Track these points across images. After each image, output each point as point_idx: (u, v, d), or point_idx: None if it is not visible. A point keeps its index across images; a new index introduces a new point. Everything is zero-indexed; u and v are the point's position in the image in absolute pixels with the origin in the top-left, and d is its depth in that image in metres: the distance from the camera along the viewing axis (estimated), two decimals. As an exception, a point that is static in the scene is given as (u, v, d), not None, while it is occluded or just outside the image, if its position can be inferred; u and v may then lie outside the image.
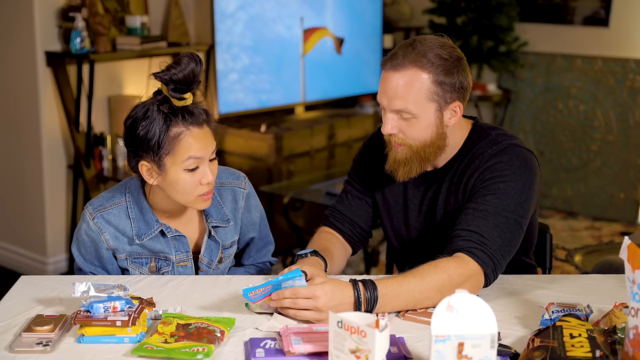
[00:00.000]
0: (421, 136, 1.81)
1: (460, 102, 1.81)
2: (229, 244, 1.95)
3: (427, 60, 1.75)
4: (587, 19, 5.09)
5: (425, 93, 1.76)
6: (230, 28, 4.39)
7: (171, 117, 1.72)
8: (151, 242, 1.86)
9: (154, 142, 1.72)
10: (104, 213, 1.84)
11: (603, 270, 2.59)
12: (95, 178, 3.96)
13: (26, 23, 3.80)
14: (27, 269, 4.04)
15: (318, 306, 1.57)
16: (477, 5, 5.04)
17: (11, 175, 4.12)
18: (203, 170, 1.76)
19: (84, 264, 1.90)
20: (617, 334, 1.45)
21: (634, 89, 4.98)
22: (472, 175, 1.83)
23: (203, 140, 1.75)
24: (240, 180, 1.97)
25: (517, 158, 1.81)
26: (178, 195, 1.78)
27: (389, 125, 1.81)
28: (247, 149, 4.46)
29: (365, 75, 5.30)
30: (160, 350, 1.44)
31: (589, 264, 4.20)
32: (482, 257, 1.70)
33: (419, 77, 1.76)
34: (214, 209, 1.91)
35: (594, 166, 5.20)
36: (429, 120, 1.79)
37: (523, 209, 1.78)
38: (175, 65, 1.70)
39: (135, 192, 1.86)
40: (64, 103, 3.89)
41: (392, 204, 1.99)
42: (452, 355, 1.30)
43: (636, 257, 1.36)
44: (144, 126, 1.73)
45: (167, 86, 1.72)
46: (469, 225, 1.74)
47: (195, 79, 1.72)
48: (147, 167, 1.77)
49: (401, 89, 1.77)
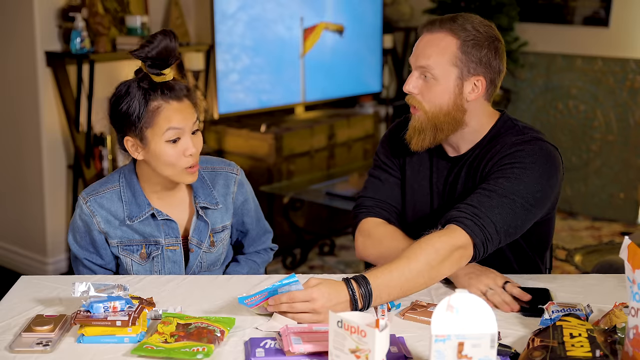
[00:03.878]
0: (437, 100, 1.82)
1: (484, 79, 1.81)
2: (219, 227, 1.98)
3: (461, 28, 1.80)
4: (587, 19, 5.09)
5: (449, 56, 1.79)
6: (230, 29, 4.39)
7: (150, 92, 1.80)
8: (141, 225, 1.90)
9: (135, 117, 1.80)
10: (97, 197, 1.90)
11: (603, 270, 2.59)
12: (95, 178, 3.96)
13: (26, 23, 3.80)
14: (27, 269, 4.04)
15: (315, 308, 1.57)
16: (477, 5, 5.04)
17: (11, 175, 4.12)
18: (185, 142, 1.82)
19: (78, 250, 1.94)
20: (617, 334, 1.45)
21: (634, 89, 4.98)
22: (490, 159, 1.83)
23: (182, 112, 1.81)
24: (232, 167, 2.02)
25: (539, 150, 1.80)
26: (164, 168, 1.83)
27: (411, 84, 1.84)
28: (247, 149, 4.46)
29: (365, 75, 5.30)
30: (160, 350, 1.44)
31: (589, 264, 4.20)
32: (472, 226, 1.69)
33: (448, 40, 1.80)
34: (202, 191, 1.95)
35: (594, 166, 5.20)
36: (447, 84, 1.80)
37: (534, 198, 1.76)
38: (149, 42, 1.78)
39: (129, 176, 1.92)
40: (64, 103, 3.89)
41: (417, 188, 1.98)
42: (452, 355, 1.30)
43: (636, 257, 1.36)
44: (126, 102, 1.82)
45: (145, 63, 1.79)
46: (472, 200, 1.74)
47: (170, 54, 1.78)
48: (131, 142, 1.85)
49: (428, 48, 1.81)
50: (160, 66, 1.79)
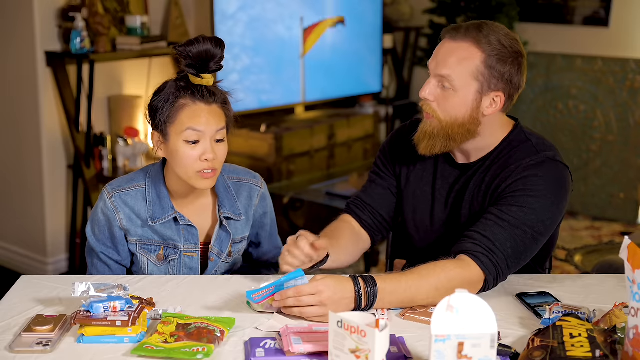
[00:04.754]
0: (454, 112, 1.79)
1: (503, 95, 1.79)
2: (239, 238, 1.97)
3: (486, 40, 1.76)
4: (587, 19, 5.09)
5: (472, 70, 1.76)
6: (231, 29, 4.39)
7: (182, 90, 1.80)
8: (162, 228, 1.89)
9: (161, 111, 1.80)
10: (122, 194, 1.89)
11: (603, 270, 2.59)
12: (95, 178, 3.96)
13: (26, 23, 3.80)
14: (27, 269, 4.04)
15: (322, 300, 1.57)
16: (477, 5, 5.04)
17: (11, 175, 4.12)
18: (203, 146, 1.80)
19: (96, 243, 1.93)
20: (617, 334, 1.45)
21: (634, 89, 4.97)
22: (504, 180, 1.80)
23: (206, 115, 1.80)
24: (257, 179, 2.02)
25: (553, 175, 1.79)
26: (177, 167, 1.82)
27: (428, 90, 1.80)
28: (247, 149, 4.46)
29: (365, 75, 5.30)
30: (160, 350, 1.44)
31: (589, 264, 4.20)
32: (487, 263, 1.70)
33: (472, 52, 1.76)
34: (228, 201, 1.94)
35: (594, 166, 5.20)
36: (466, 98, 1.78)
37: (545, 226, 1.77)
38: (195, 41, 1.77)
39: (156, 177, 1.91)
40: (64, 103, 3.89)
41: (419, 194, 1.97)
42: (452, 355, 1.30)
43: (636, 257, 1.36)
44: (158, 97, 1.82)
45: (185, 60, 1.78)
46: (485, 230, 1.73)
47: (210, 58, 1.77)
48: (156, 136, 1.85)
49: (450, 57, 1.77)
50: (198, 68, 1.78)
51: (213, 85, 1.83)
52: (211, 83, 1.82)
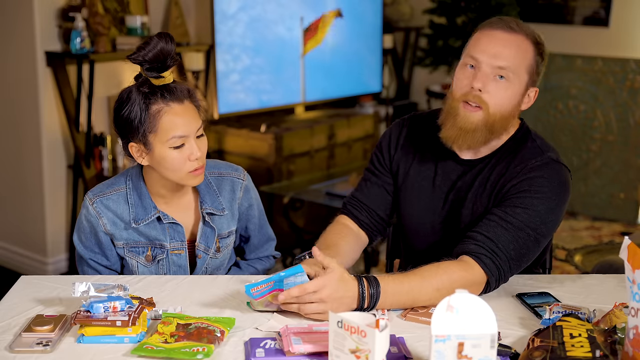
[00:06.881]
0: (505, 103, 1.79)
1: (536, 91, 1.83)
2: (225, 233, 1.97)
3: (535, 36, 1.80)
4: (587, 19, 5.09)
5: (527, 62, 1.78)
6: (231, 29, 4.39)
7: (150, 96, 1.78)
8: (147, 228, 1.89)
9: (137, 122, 1.78)
10: (103, 198, 1.89)
11: (603, 270, 2.58)
12: (95, 178, 3.96)
13: (26, 23, 3.80)
14: (27, 269, 4.04)
15: (322, 297, 1.57)
16: (477, 5, 5.04)
17: (11, 175, 4.12)
18: (190, 147, 1.80)
19: (84, 251, 1.93)
20: (617, 334, 1.45)
21: (634, 89, 4.97)
22: (509, 180, 1.80)
23: (184, 116, 1.79)
24: (239, 172, 2.01)
25: (557, 177, 1.80)
26: (168, 172, 1.82)
27: (481, 81, 1.77)
28: (247, 149, 4.46)
29: (365, 75, 5.31)
30: (160, 350, 1.44)
31: (589, 264, 4.20)
32: (490, 265, 1.70)
33: (529, 45, 1.79)
34: (209, 197, 1.94)
35: (594, 166, 5.20)
36: (517, 89, 1.79)
37: (547, 228, 1.77)
38: (145, 45, 1.76)
39: (136, 179, 1.91)
40: (64, 103, 3.89)
41: (417, 189, 1.95)
42: (452, 355, 1.30)
43: (636, 257, 1.36)
44: (127, 108, 1.80)
45: (142, 66, 1.77)
46: (489, 231, 1.73)
47: (167, 56, 1.77)
48: (135, 147, 1.83)
49: (509, 48, 1.77)
50: (158, 69, 1.77)
51: (175, 82, 1.82)
52: (172, 79, 1.81)
